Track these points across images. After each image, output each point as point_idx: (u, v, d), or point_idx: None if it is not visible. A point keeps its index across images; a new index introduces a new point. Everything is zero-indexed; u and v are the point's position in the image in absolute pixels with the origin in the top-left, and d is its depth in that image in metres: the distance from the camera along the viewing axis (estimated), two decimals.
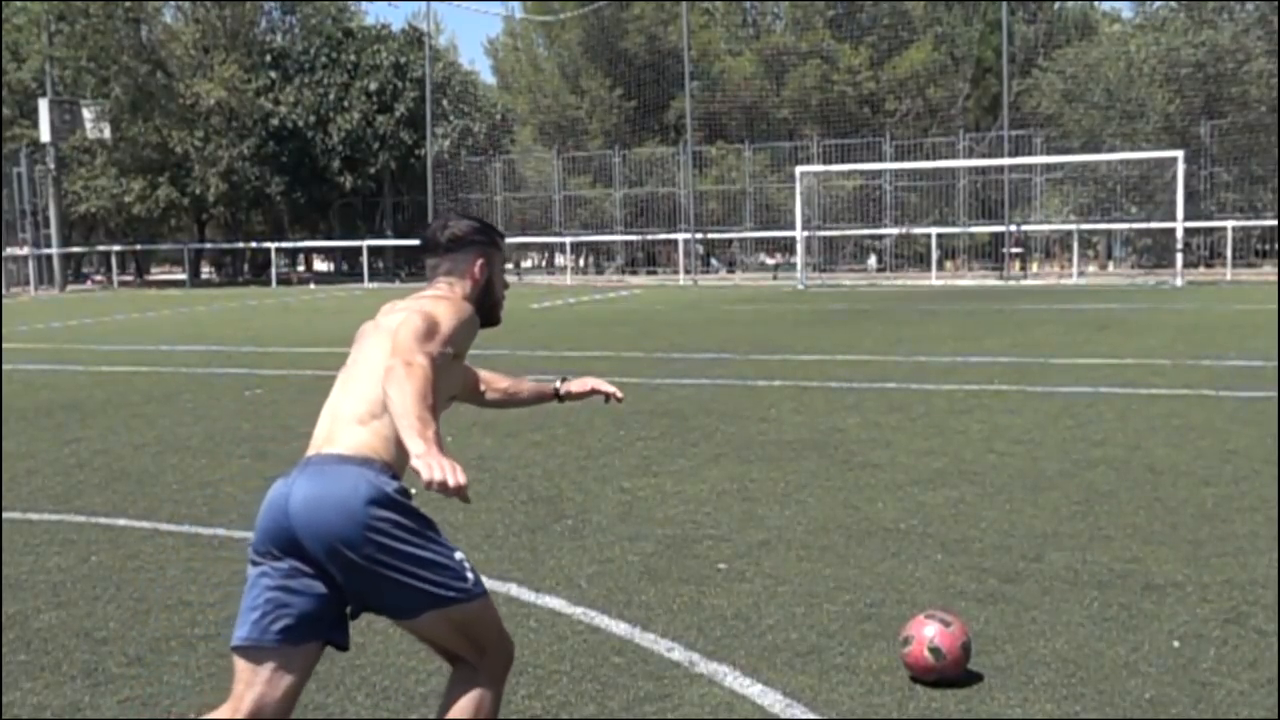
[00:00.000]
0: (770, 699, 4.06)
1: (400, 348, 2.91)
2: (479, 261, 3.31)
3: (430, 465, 2.65)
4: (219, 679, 4.33)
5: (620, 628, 4.77)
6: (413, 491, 3.01)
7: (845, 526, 6.25)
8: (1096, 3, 47.68)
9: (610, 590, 5.25)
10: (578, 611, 4.98)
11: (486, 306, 3.32)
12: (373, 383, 3.02)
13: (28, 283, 41.22)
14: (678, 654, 4.48)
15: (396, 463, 2.99)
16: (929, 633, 4.10)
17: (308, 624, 3.00)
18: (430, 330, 3.00)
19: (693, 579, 5.40)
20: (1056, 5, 44.95)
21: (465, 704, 3.09)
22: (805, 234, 34.21)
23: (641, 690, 4.17)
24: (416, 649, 4.59)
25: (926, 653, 4.09)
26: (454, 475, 2.66)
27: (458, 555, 3.02)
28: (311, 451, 3.06)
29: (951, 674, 4.11)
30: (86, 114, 40.75)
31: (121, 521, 6.71)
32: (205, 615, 5.04)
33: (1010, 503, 6.67)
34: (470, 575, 3.04)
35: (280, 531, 2.97)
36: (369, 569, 2.92)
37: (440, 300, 3.17)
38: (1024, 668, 4.26)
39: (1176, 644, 4.46)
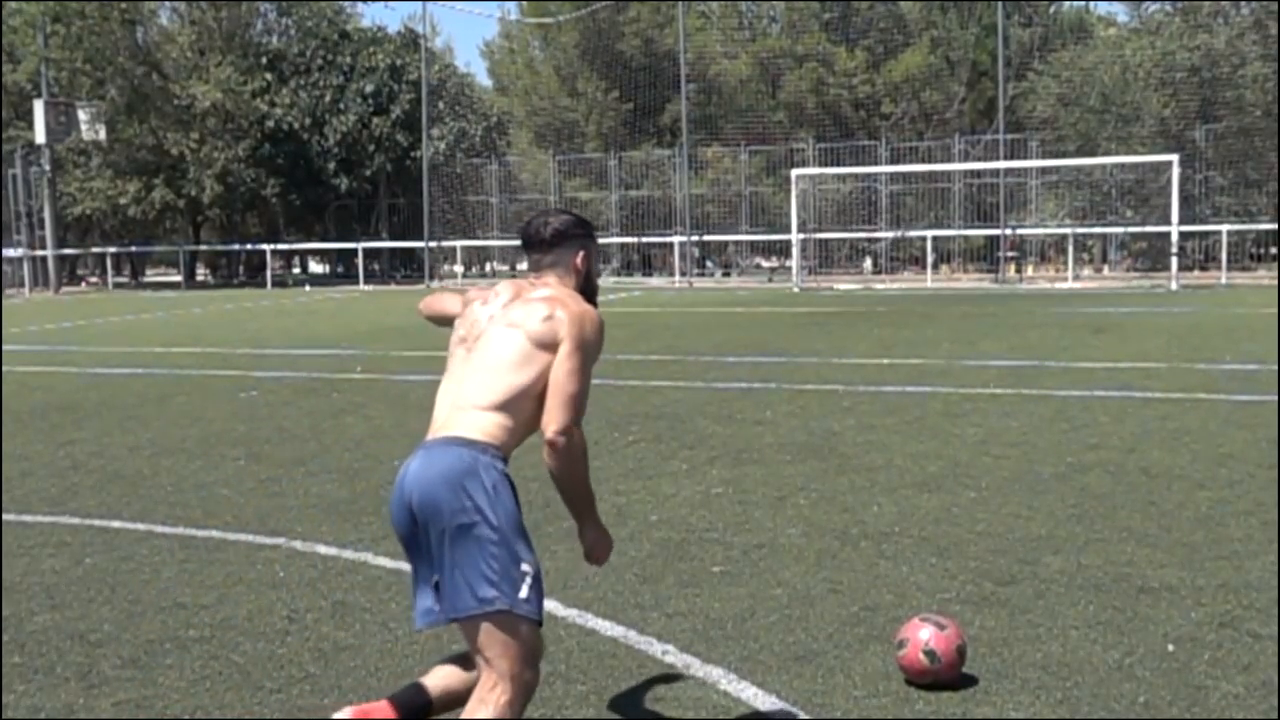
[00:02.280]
0: (765, 702, 4.06)
1: (558, 414, 3.21)
2: (581, 254, 3.53)
3: (601, 558, 3.53)
4: (214, 681, 4.33)
5: (615, 630, 4.77)
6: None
7: (840, 530, 6.25)
8: (1093, 3, 47.72)
9: (605, 593, 5.25)
10: (573, 614, 4.98)
11: (587, 294, 3.54)
12: (498, 375, 3.25)
13: (23, 284, 41.17)
14: (673, 657, 4.49)
15: (508, 450, 3.24)
16: (924, 636, 4.11)
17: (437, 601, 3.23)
18: (585, 384, 3.28)
19: (688, 582, 5.40)
20: (1052, 9, 45.01)
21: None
22: (801, 237, 34.20)
23: (636, 693, 4.17)
24: (411, 652, 4.59)
25: (922, 656, 4.09)
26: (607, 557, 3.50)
27: (525, 567, 3.15)
28: (430, 436, 3.29)
29: (946, 677, 4.11)
30: (82, 115, 40.68)
31: (116, 524, 6.71)
32: (200, 617, 5.04)
33: (1005, 506, 6.68)
34: (526, 592, 3.13)
35: (402, 511, 3.23)
36: (447, 542, 3.12)
37: (581, 322, 3.32)
38: (1019, 671, 4.27)
39: (1171, 647, 4.46)
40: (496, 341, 3.30)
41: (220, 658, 4.57)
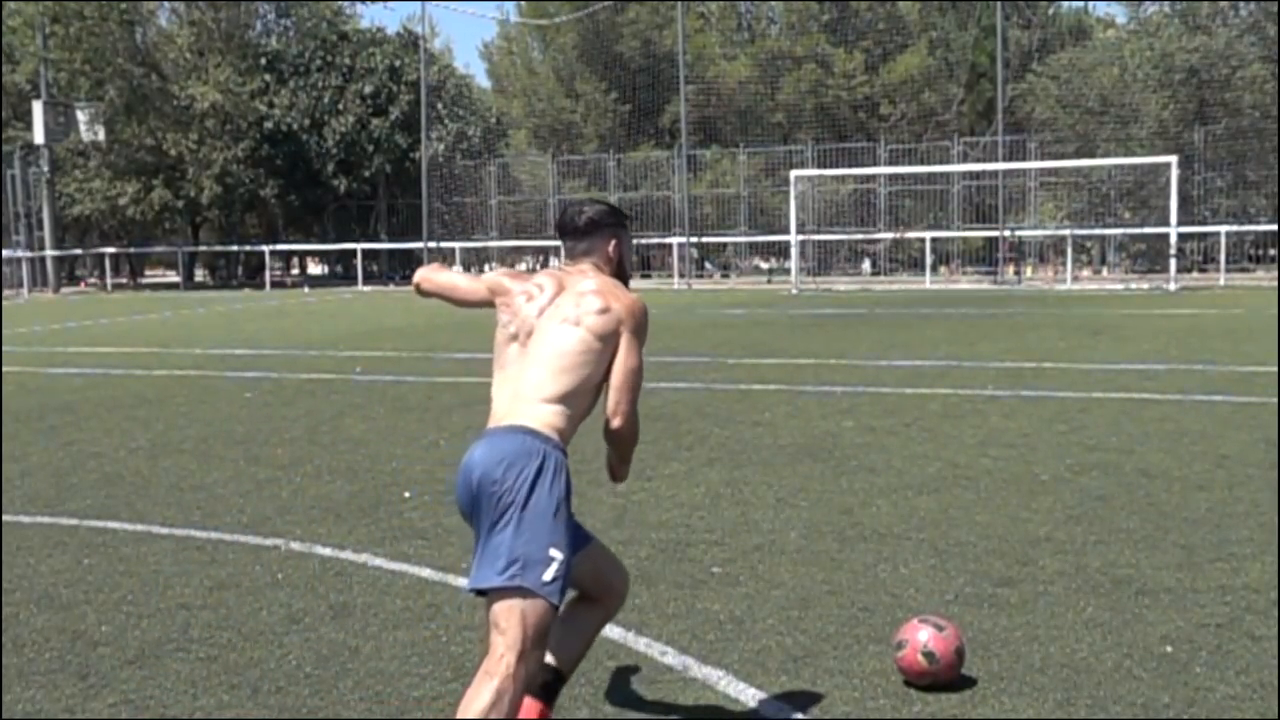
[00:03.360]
0: (764, 703, 4.06)
1: (624, 403, 3.52)
2: (613, 242, 3.69)
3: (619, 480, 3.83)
4: (212, 682, 4.33)
5: (614, 632, 4.76)
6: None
7: (839, 531, 6.25)
8: (1092, 3, 47.76)
9: None
10: None
11: (620, 281, 3.68)
12: (558, 369, 3.40)
13: (22, 285, 41.16)
14: (671, 658, 4.49)
15: (567, 439, 3.42)
16: (923, 637, 4.11)
17: None
18: (642, 371, 3.54)
19: (687, 583, 5.40)
20: (1051, 10, 45.03)
21: (470, 695, 3.21)
22: (800, 238, 34.20)
23: (635, 694, 4.17)
24: (410, 654, 4.58)
25: (920, 657, 4.09)
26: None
27: (554, 552, 3.26)
28: (492, 424, 3.43)
29: (945, 678, 4.11)
30: (81, 116, 40.68)
31: (114, 524, 6.70)
32: (198, 619, 5.03)
33: (1004, 507, 6.68)
34: (551, 575, 3.25)
35: (465, 491, 3.35)
36: (490, 516, 3.26)
37: (635, 313, 3.50)
38: (1018, 672, 4.27)
39: (1169, 649, 4.46)
40: (554, 337, 3.44)
41: (219, 659, 4.57)
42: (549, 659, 3.56)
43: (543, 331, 3.47)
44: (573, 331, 3.42)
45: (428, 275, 4.01)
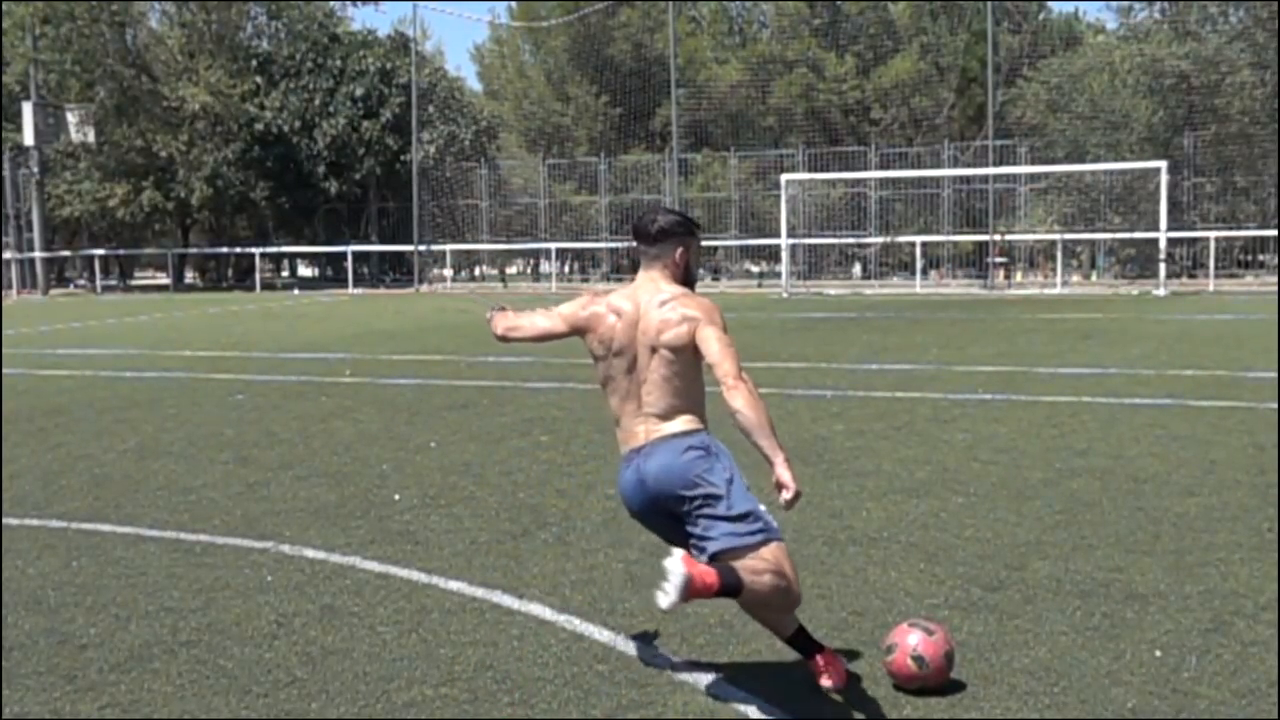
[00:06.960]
0: (753, 707, 4.06)
1: (728, 365, 3.95)
2: (679, 250, 4.18)
3: (792, 485, 3.90)
4: (201, 685, 4.32)
5: (604, 635, 4.76)
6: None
7: (829, 534, 6.25)
8: (1083, 5, 47.95)
9: (594, 598, 5.25)
10: (561, 619, 4.97)
11: (687, 285, 4.20)
12: (673, 389, 4.06)
13: (11, 286, 41.05)
14: (661, 661, 4.48)
15: (705, 427, 4.08)
16: (912, 641, 4.11)
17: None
18: (729, 340, 4.04)
19: None
20: (1041, 15, 45.15)
21: (770, 573, 3.86)
22: (790, 242, 34.25)
23: (625, 698, 4.17)
24: (399, 655, 4.57)
25: (910, 661, 4.09)
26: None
27: (761, 506, 3.99)
28: (637, 444, 4.06)
29: (935, 682, 4.11)
30: (71, 118, 40.62)
31: (103, 527, 6.68)
32: (187, 622, 5.02)
33: (993, 512, 6.69)
34: (774, 522, 3.95)
35: (641, 498, 4.04)
36: (701, 507, 3.94)
37: (705, 309, 4.06)
38: (1007, 676, 4.27)
39: (1159, 653, 4.47)
40: (654, 361, 4.03)
41: (208, 662, 4.56)
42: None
43: (642, 357, 4.04)
44: (663, 353, 4.01)
45: (514, 325, 4.39)
